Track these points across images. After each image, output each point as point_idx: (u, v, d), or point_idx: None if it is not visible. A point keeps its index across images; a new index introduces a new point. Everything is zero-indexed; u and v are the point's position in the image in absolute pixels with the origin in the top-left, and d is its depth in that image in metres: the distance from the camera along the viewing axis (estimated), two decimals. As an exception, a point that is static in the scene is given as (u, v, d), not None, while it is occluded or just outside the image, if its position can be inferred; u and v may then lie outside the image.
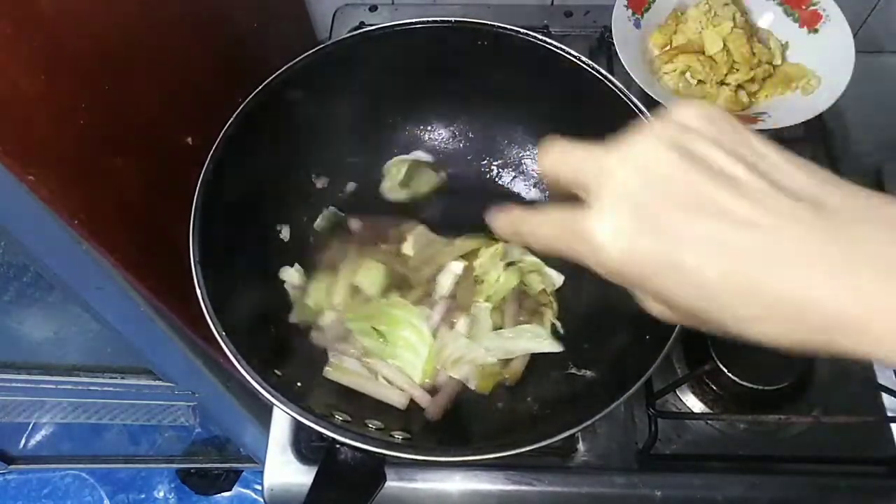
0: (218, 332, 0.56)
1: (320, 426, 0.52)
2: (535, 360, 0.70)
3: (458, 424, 0.65)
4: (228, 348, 0.55)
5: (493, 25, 0.70)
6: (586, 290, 0.74)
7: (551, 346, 0.68)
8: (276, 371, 0.58)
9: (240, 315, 0.62)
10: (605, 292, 0.71)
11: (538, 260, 0.73)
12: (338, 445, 0.54)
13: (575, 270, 0.75)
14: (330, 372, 0.66)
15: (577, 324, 0.72)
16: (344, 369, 0.67)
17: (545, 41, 0.70)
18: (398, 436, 0.56)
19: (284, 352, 0.65)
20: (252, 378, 0.54)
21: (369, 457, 0.54)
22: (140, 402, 1.08)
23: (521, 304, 0.72)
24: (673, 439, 0.71)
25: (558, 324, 0.72)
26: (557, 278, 0.74)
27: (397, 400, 0.65)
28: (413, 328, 0.67)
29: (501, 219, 0.39)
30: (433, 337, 0.67)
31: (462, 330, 0.68)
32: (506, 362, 0.68)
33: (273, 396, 0.54)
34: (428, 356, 0.66)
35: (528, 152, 0.81)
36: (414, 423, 0.64)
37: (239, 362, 0.55)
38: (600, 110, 0.69)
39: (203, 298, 0.57)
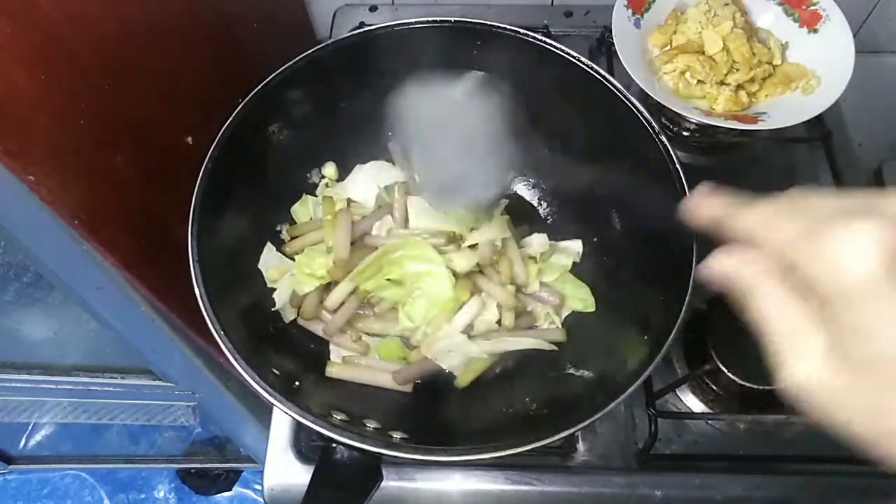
0: (216, 331, 0.56)
1: (317, 425, 0.53)
2: (532, 359, 0.71)
3: (456, 424, 0.65)
4: (226, 346, 0.55)
5: (493, 25, 0.70)
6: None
7: (544, 344, 0.69)
8: (273, 370, 0.58)
9: (238, 314, 0.62)
10: (601, 294, 0.72)
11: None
12: (334, 445, 0.54)
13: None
14: (332, 371, 0.67)
15: (573, 324, 0.72)
16: (345, 364, 0.68)
17: (544, 41, 0.70)
18: (396, 435, 0.56)
19: (283, 351, 0.65)
20: (249, 376, 0.54)
21: (366, 455, 0.54)
22: (140, 402, 1.08)
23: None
24: (673, 439, 0.71)
25: (558, 319, 0.72)
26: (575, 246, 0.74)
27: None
28: (419, 258, 0.67)
29: (706, 204, 0.36)
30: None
31: (460, 325, 0.67)
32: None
33: (270, 395, 0.54)
34: (448, 272, 0.66)
35: (528, 154, 0.81)
36: (412, 423, 0.64)
37: (237, 361, 0.55)
38: (600, 111, 0.69)
39: (202, 297, 0.57)
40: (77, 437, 1.50)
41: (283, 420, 0.73)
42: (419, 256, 0.68)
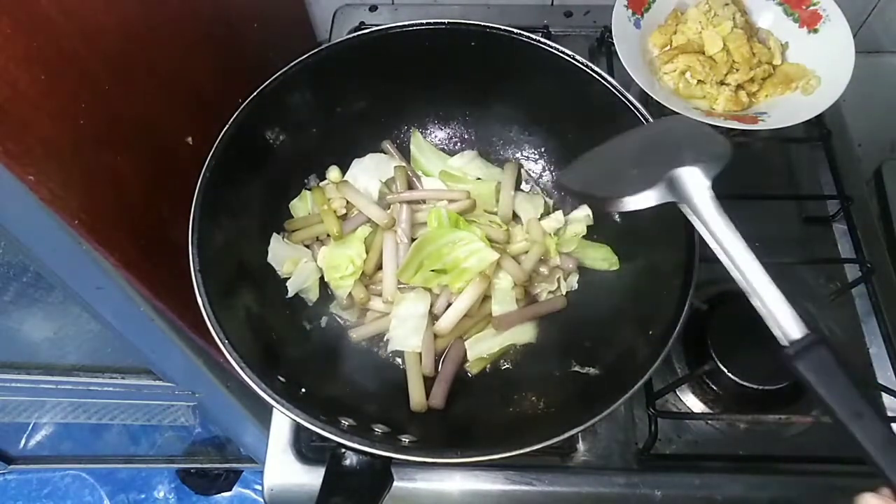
0: (221, 341, 0.55)
1: (328, 431, 0.52)
2: (538, 358, 0.71)
3: (463, 425, 0.65)
4: (233, 357, 0.55)
5: (487, 27, 0.70)
6: (591, 290, 0.74)
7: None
8: (280, 377, 0.58)
9: (242, 321, 0.62)
10: (609, 293, 0.72)
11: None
12: (342, 451, 0.54)
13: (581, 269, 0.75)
14: (355, 336, 0.71)
15: (580, 322, 0.72)
16: (365, 325, 0.72)
17: (539, 41, 0.70)
18: (405, 439, 0.56)
19: (287, 357, 0.65)
20: (257, 386, 0.54)
21: (375, 459, 0.53)
22: (140, 402, 1.08)
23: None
24: (673, 439, 0.71)
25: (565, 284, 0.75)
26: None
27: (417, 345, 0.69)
28: (454, 244, 0.69)
29: None
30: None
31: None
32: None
33: (279, 403, 0.53)
34: (485, 242, 0.70)
35: (523, 152, 0.82)
36: (420, 425, 0.64)
37: (243, 370, 0.55)
38: (597, 110, 0.70)
39: (205, 307, 0.57)
40: (77, 437, 1.50)
41: (283, 420, 0.73)
42: (455, 242, 0.70)
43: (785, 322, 0.44)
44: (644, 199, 0.48)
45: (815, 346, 0.43)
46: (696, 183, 0.47)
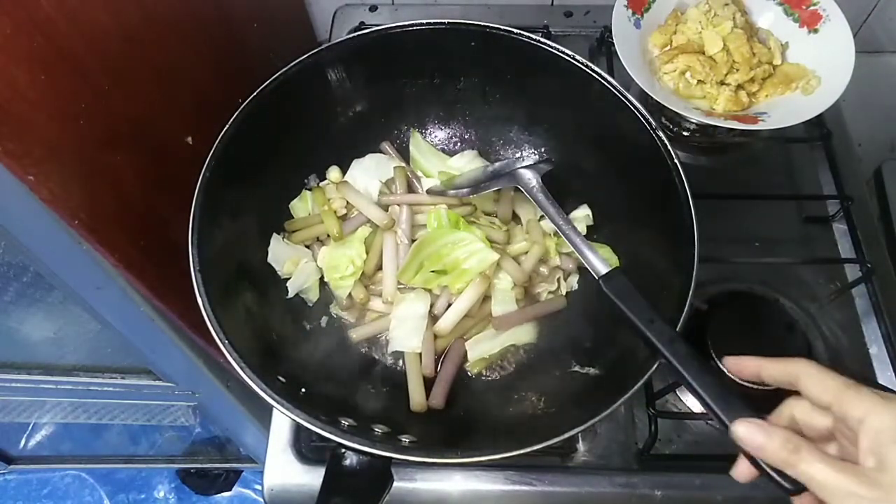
0: (221, 342, 0.55)
1: (328, 431, 0.52)
2: (538, 358, 0.71)
3: (463, 425, 0.65)
4: (232, 356, 0.55)
5: (487, 26, 0.70)
6: (591, 291, 0.74)
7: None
8: (280, 377, 0.58)
9: (242, 320, 0.62)
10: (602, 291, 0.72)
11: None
12: (343, 451, 0.54)
13: (581, 269, 0.75)
14: (355, 335, 0.71)
15: (580, 322, 0.72)
16: (365, 325, 0.72)
17: (539, 41, 0.70)
18: (405, 439, 0.56)
19: (287, 358, 0.65)
20: (257, 386, 0.54)
21: (375, 460, 0.53)
22: (140, 402, 1.08)
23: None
24: (673, 439, 0.71)
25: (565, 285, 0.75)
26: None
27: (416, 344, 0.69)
28: (455, 245, 0.70)
29: (772, 436, 0.43)
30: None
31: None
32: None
33: (279, 403, 0.53)
34: (486, 244, 0.70)
35: (523, 152, 0.82)
36: (420, 425, 0.64)
37: (243, 370, 0.54)
38: (597, 110, 0.70)
39: (205, 307, 0.57)
40: (77, 437, 1.50)
41: (283, 420, 0.73)
42: (455, 243, 0.70)
43: (595, 263, 0.60)
44: (497, 184, 0.71)
45: (616, 276, 0.58)
46: (529, 176, 0.68)
